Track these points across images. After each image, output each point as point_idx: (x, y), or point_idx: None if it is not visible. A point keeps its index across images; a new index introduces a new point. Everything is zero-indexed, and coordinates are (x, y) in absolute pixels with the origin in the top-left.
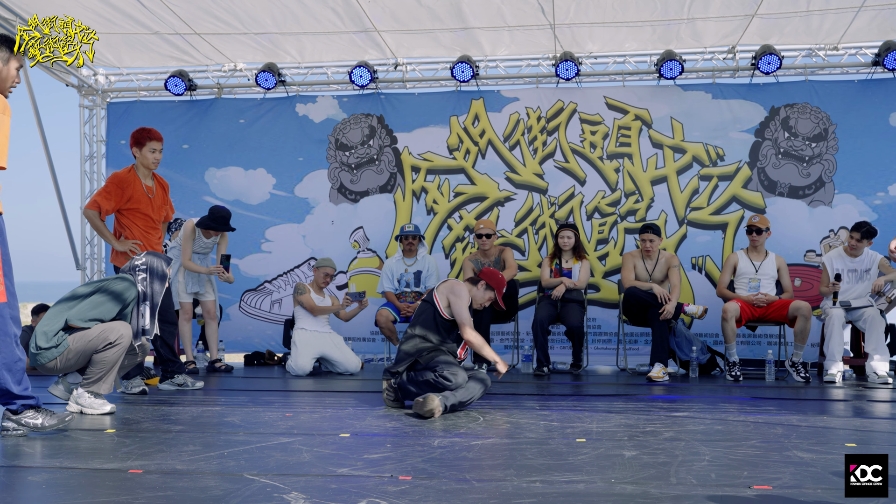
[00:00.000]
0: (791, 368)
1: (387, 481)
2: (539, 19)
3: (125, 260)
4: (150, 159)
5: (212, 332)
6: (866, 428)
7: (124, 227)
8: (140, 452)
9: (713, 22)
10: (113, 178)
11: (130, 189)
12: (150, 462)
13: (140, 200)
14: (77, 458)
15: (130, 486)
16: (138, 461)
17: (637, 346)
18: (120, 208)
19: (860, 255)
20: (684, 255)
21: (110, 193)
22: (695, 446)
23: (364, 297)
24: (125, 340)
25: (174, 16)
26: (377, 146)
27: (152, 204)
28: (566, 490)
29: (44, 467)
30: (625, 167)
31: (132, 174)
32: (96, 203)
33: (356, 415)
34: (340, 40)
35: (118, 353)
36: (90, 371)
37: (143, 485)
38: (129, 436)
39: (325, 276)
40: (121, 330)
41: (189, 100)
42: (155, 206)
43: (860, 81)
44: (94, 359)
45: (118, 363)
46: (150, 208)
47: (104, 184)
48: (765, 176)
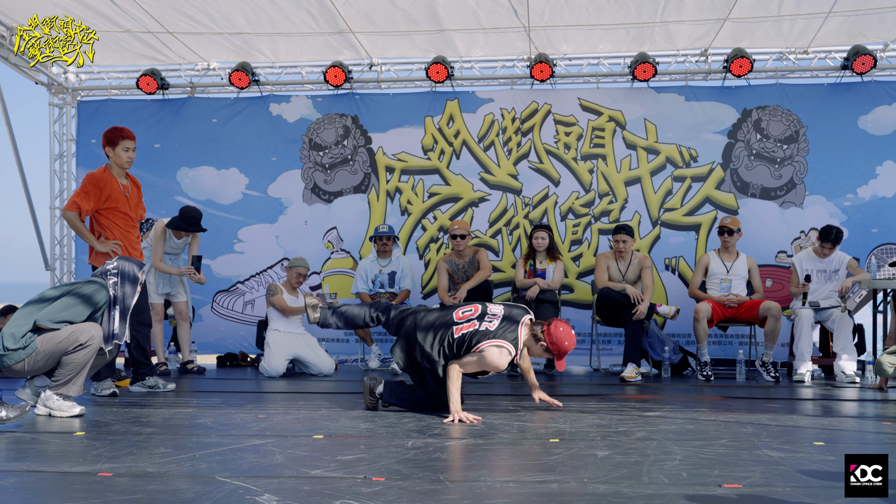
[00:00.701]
0: (761, 368)
1: (360, 483)
2: (513, 21)
3: (104, 259)
4: (124, 158)
5: (184, 334)
6: (834, 426)
7: (104, 228)
8: (110, 455)
9: (686, 25)
10: (90, 178)
11: (108, 188)
12: (121, 465)
13: (118, 199)
14: (45, 461)
15: (100, 489)
16: (108, 464)
17: (610, 346)
18: (98, 208)
19: (830, 256)
20: (658, 256)
21: (88, 194)
22: (667, 446)
23: (336, 298)
24: (95, 342)
25: (146, 14)
26: (351, 146)
27: (129, 202)
28: (539, 490)
29: (11, 471)
30: (599, 168)
31: (107, 173)
32: (75, 204)
33: (330, 416)
34: (315, 41)
35: (88, 355)
36: (59, 373)
37: (112, 488)
38: (99, 438)
39: (298, 276)
40: (91, 331)
41: (161, 99)
42: (132, 204)
43: (830, 85)
44: (64, 360)
45: (88, 365)
46: (127, 207)
47: (80, 184)
48: (737, 177)
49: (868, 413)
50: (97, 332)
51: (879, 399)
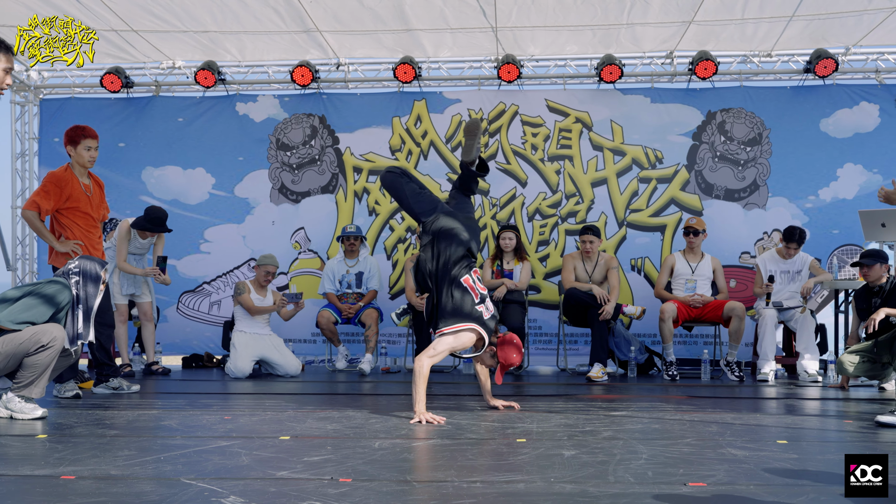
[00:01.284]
0: (726, 367)
1: (327, 484)
2: (481, 22)
3: (66, 261)
4: (86, 157)
5: (148, 335)
6: (797, 425)
7: (64, 227)
8: (73, 458)
9: (652, 27)
10: (50, 177)
11: (69, 188)
12: (84, 468)
13: (79, 199)
14: (6, 464)
15: (63, 492)
16: (71, 467)
17: (577, 346)
18: (59, 208)
19: (793, 258)
20: (624, 257)
21: (49, 193)
22: (633, 445)
23: (301, 298)
24: (58, 343)
25: (111, 12)
26: (319, 146)
27: (91, 202)
28: (506, 490)
29: None
30: (565, 169)
31: (69, 173)
32: (35, 203)
33: (296, 417)
34: (282, 40)
35: (51, 357)
36: (21, 375)
37: (75, 491)
38: (62, 441)
39: (267, 274)
40: (54, 332)
41: (126, 97)
42: (94, 205)
43: (792, 88)
44: (26, 362)
45: (50, 366)
46: (89, 207)
47: (41, 183)
48: (702, 179)
49: (830, 411)
50: (59, 334)
51: (841, 398)
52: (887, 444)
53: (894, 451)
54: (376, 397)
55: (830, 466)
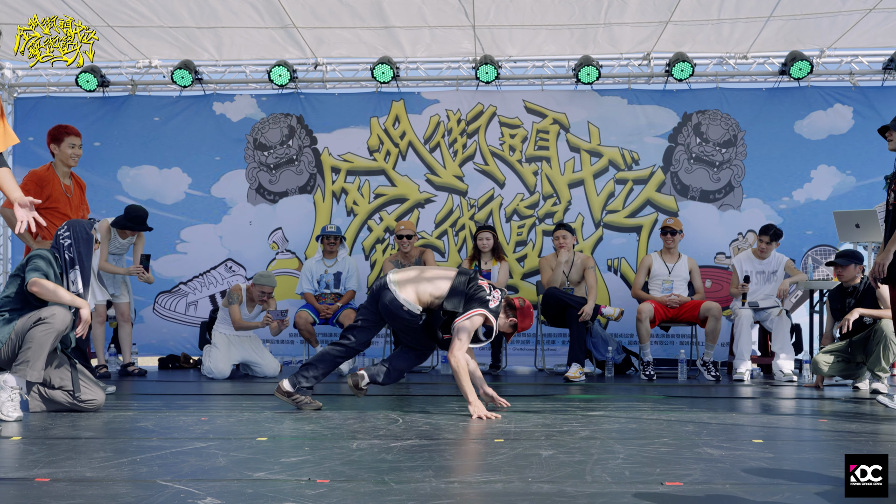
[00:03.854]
0: (702, 367)
1: (304, 485)
2: (459, 20)
3: None
4: (69, 154)
5: (125, 335)
6: (773, 424)
7: (41, 227)
8: (47, 460)
9: (629, 27)
10: (31, 176)
11: (49, 187)
12: (59, 470)
13: (59, 199)
14: None
15: (37, 494)
16: (45, 469)
17: (555, 346)
18: (38, 207)
19: (768, 258)
20: (600, 257)
21: (29, 191)
22: (610, 445)
23: (286, 315)
24: (57, 322)
25: (85, 6)
26: (297, 146)
27: (70, 203)
28: (484, 490)
29: None
30: (543, 170)
31: (51, 172)
32: None
33: (274, 418)
34: (260, 37)
35: (47, 334)
36: (21, 353)
37: (50, 493)
38: (36, 443)
39: (262, 294)
40: (54, 309)
41: (101, 96)
42: (73, 206)
43: (768, 90)
44: (26, 336)
45: (47, 346)
46: (68, 207)
47: (21, 182)
48: (678, 180)
49: (805, 411)
50: (60, 313)
51: (816, 397)
52: (862, 443)
53: (894, 451)
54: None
55: (806, 465)
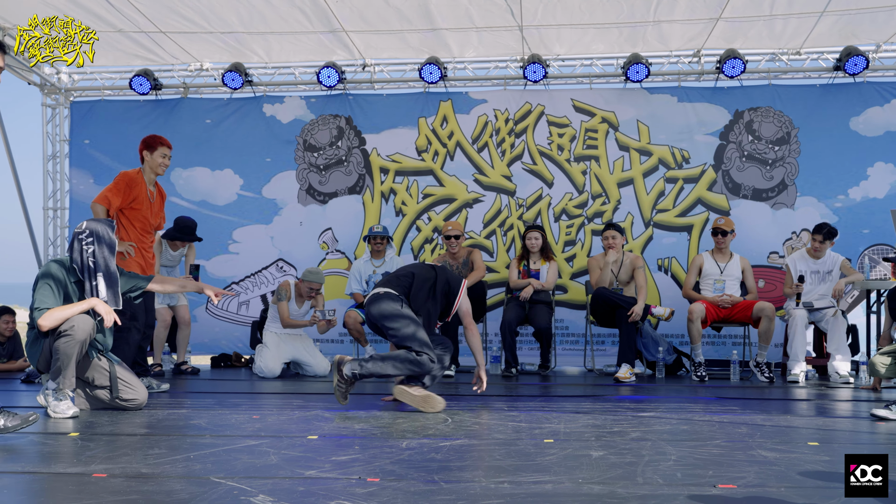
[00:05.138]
0: (755, 368)
1: (355, 483)
2: (507, 21)
3: (118, 259)
4: (159, 163)
5: (183, 337)
6: (828, 427)
7: (122, 227)
8: (104, 456)
9: (679, 25)
10: (123, 176)
11: (137, 189)
12: (115, 465)
13: (142, 203)
14: (40, 462)
15: (94, 490)
16: (102, 465)
17: (604, 346)
18: (123, 207)
19: (823, 257)
20: (650, 257)
21: (120, 191)
22: (661, 446)
23: (334, 315)
24: (77, 332)
25: (139, 14)
26: (346, 147)
27: (151, 209)
28: (534, 491)
29: (5, 472)
30: (592, 169)
31: (140, 176)
32: (106, 198)
33: (324, 417)
34: (308, 41)
35: (70, 346)
36: (53, 361)
37: (106, 489)
38: (93, 439)
39: (310, 290)
40: (74, 321)
41: (154, 99)
42: (154, 212)
43: (822, 86)
44: (52, 348)
45: (73, 357)
46: (149, 212)
47: (113, 181)
48: (729, 179)
49: (862, 413)
50: (81, 324)
51: (873, 399)
52: None
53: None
54: None
55: None
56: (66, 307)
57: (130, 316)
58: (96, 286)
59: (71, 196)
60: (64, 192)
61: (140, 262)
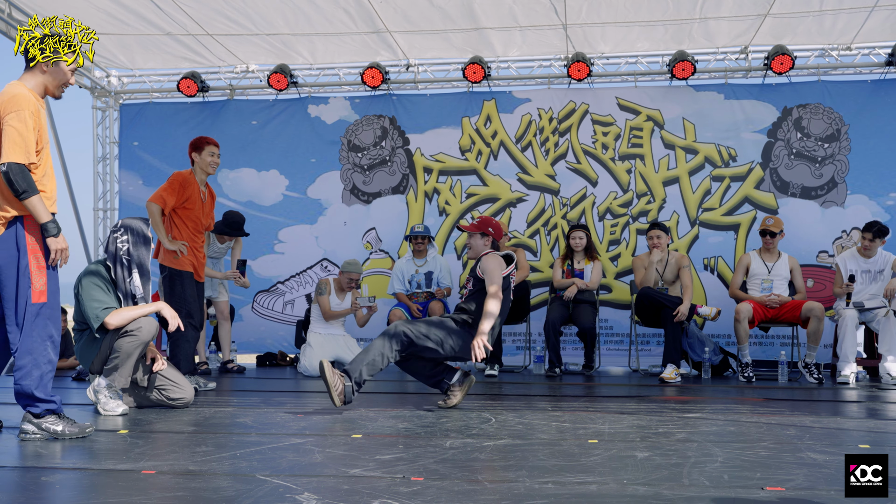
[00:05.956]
0: (804, 369)
1: (399, 482)
2: (551, 19)
3: (170, 258)
4: (209, 161)
5: (225, 334)
6: (880, 429)
7: (174, 226)
8: (153, 453)
9: (725, 21)
10: (177, 176)
11: (190, 189)
12: (163, 462)
13: (195, 203)
14: (90, 458)
15: (143, 486)
16: (151, 462)
17: (649, 346)
18: (176, 207)
19: (874, 256)
20: (696, 256)
21: (174, 190)
22: (707, 447)
23: (374, 301)
24: (143, 334)
25: (187, 17)
26: (389, 147)
27: (203, 209)
28: (578, 491)
29: (57, 468)
30: (637, 168)
31: (192, 176)
32: (161, 198)
33: (368, 416)
34: (352, 41)
35: (133, 345)
36: (111, 358)
37: (155, 485)
38: (142, 437)
39: (350, 281)
40: (141, 322)
41: (201, 101)
42: (205, 211)
43: (873, 82)
44: (115, 345)
45: (133, 356)
46: (201, 212)
47: (167, 181)
48: (777, 177)
49: None
50: (146, 324)
51: None
52: None
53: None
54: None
55: None
56: (134, 308)
57: (186, 314)
58: (135, 286)
59: (120, 197)
60: (113, 193)
61: (192, 260)
